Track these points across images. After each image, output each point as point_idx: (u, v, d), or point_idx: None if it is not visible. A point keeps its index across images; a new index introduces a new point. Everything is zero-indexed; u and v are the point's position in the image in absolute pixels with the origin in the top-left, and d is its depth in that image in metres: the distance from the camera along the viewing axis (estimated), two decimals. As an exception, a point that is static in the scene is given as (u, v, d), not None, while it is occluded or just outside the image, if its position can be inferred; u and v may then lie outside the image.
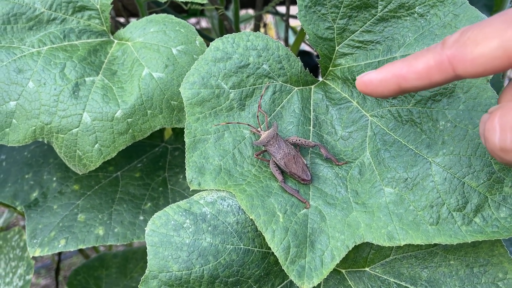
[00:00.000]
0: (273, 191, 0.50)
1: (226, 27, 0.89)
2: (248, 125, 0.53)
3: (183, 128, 0.83)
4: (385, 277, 0.52)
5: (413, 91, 0.35)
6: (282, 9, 1.89)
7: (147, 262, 0.46)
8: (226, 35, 0.55)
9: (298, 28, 1.74)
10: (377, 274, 0.53)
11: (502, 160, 0.30)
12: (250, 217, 0.47)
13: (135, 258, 0.93)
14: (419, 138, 0.51)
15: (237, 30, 0.98)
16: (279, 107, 0.56)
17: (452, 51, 0.30)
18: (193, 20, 1.90)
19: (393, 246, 0.53)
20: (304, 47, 1.96)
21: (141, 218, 0.68)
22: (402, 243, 0.46)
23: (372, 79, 0.37)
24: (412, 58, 0.34)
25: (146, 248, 0.47)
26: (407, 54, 0.53)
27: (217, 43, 0.55)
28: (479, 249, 0.50)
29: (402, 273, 0.52)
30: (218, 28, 1.19)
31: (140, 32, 0.65)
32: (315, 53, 1.34)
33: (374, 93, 0.38)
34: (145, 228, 0.48)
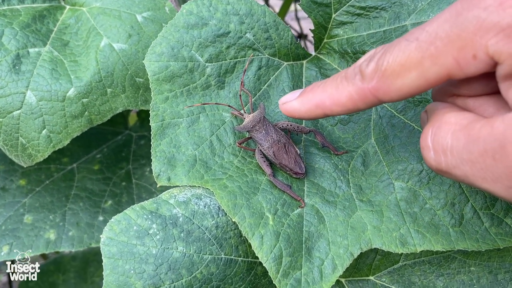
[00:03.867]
0: (260, 187, 0.41)
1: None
2: (229, 106, 0.44)
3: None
4: (393, 287, 0.44)
5: (343, 114, 0.36)
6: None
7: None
8: (202, -3, 0.45)
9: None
10: (384, 283, 0.44)
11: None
12: (233, 220, 0.38)
13: (96, 260, 0.82)
14: (436, 122, 0.42)
15: None
16: (266, 85, 0.47)
17: (374, 84, 0.30)
18: None
19: (403, 251, 0.44)
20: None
21: (101, 218, 0.58)
22: (419, 249, 0.38)
23: (296, 109, 0.36)
24: (333, 89, 0.33)
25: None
26: (419, 21, 0.44)
27: (190, 5, 0.45)
28: (505, 252, 0.43)
29: (413, 282, 0.43)
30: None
31: (97, -5, 0.54)
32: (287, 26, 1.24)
33: (303, 119, 0.38)
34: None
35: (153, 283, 0.37)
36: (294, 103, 0.36)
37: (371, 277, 0.45)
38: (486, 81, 0.29)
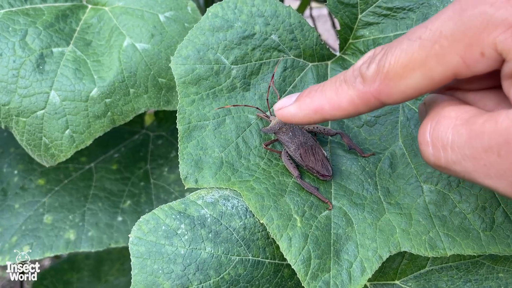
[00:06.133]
0: (287, 189, 0.41)
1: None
2: (257, 108, 0.44)
3: (167, 113, 0.73)
4: (419, 292, 0.44)
5: (343, 118, 0.34)
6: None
7: (123, 264, 0.37)
8: (226, -1, 0.45)
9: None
10: (409, 288, 0.44)
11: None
12: (261, 221, 0.38)
13: (110, 259, 0.82)
14: (465, 124, 0.42)
15: None
16: (291, 86, 0.46)
17: (376, 87, 0.29)
18: None
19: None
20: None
21: (120, 219, 0.58)
22: (449, 253, 0.38)
23: (293, 114, 0.35)
24: (332, 93, 0.32)
25: (123, 248, 0.37)
26: (448, 23, 0.44)
27: (215, 8, 0.45)
28: (534, 258, 0.42)
29: None
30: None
31: (119, -5, 0.54)
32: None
33: (300, 124, 0.37)
34: (125, 231, 0.38)
35: (181, 284, 0.36)
36: (291, 108, 0.35)
37: (397, 282, 0.44)
38: (487, 77, 0.29)
